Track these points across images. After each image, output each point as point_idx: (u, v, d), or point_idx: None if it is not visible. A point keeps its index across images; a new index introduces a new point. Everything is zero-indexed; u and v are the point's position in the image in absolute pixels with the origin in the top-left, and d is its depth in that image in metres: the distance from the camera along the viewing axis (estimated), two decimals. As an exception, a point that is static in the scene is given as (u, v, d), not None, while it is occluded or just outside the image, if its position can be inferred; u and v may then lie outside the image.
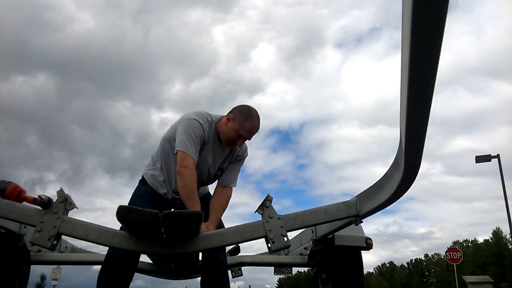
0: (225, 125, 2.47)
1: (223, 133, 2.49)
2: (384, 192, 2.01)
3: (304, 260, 3.46)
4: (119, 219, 1.95)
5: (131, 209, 1.92)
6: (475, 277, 17.68)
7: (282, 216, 2.23)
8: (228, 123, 2.46)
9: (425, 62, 1.05)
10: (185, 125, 2.40)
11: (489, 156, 18.21)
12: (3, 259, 3.05)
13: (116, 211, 1.92)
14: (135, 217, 1.90)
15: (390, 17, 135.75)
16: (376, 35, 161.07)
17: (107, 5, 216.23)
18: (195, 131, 2.38)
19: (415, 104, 1.22)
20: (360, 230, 3.05)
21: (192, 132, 2.37)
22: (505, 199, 17.32)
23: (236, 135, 2.45)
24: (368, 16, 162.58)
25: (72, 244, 3.95)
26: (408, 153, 1.51)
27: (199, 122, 2.41)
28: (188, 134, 2.36)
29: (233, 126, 2.44)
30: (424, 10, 0.89)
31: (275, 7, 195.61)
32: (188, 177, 2.30)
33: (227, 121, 2.47)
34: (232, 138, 2.46)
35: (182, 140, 2.35)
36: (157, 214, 1.89)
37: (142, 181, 2.71)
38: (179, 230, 2.04)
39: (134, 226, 2.05)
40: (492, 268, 45.25)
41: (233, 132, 2.44)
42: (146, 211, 1.89)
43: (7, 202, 2.11)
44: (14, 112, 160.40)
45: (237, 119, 2.45)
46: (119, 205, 1.92)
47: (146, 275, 3.50)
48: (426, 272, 67.86)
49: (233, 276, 3.59)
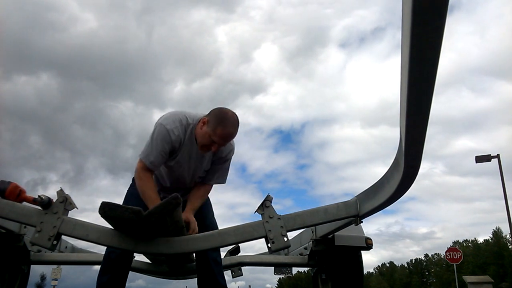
0: (200, 128, 2.38)
1: (198, 137, 2.40)
2: (384, 192, 2.01)
3: (304, 260, 3.46)
4: (102, 215, 1.94)
5: (114, 206, 1.91)
6: (475, 277, 17.69)
7: (282, 216, 2.23)
8: (203, 126, 2.36)
9: (425, 62, 1.05)
10: (152, 132, 2.38)
11: (489, 156, 18.20)
12: (3, 259, 3.05)
13: (98, 208, 1.92)
14: (117, 213, 1.90)
15: (395, 17, 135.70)
16: (379, 35, 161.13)
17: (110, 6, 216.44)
18: (159, 137, 2.34)
19: (415, 104, 1.22)
20: (360, 230, 3.05)
21: (156, 139, 2.34)
22: (505, 199, 17.35)
23: (209, 141, 2.33)
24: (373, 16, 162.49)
25: (72, 244, 3.95)
26: (408, 153, 1.51)
27: (166, 128, 2.34)
28: (150, 141, 2.36)
29: (207, 131, 2.32)
30: (424, 10, 0.89)
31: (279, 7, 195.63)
32: (142, 184, 2.36)
33: (202, 124, 2.37)
34: (205, 143, 2.36)
35: (145, 147, 2.39)
36: (139, 211, 1.89)
37: None
38: (166, 222, 2.03)
39: (117, 223, 2.05)
40: (492, 268, 45.27)
41: (206, 137, 2.33)
42: (129, 208, 1.89)
43: (7, 202, 2.11)
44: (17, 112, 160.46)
45: (211, 123, 2.32)
46: (102, 202, 1.92)
47: (147, 275, 3.51)
48: (426, 272, 67.87)
49: (233, 276, 3.59)
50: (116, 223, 2.08)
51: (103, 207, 1.91)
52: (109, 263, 2.41)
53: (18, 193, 2.14)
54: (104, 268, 2.41)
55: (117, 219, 1.97)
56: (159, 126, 2.37)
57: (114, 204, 1.92)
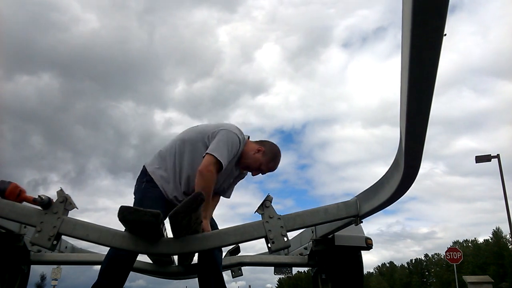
0: (253, 153, 2.59)
1: (248, 159, 2.60)
2: (384, 192, 2.01)
3: (304, 260, 3.46)
4: (120, 220, 1.94)
5: (133, 209, 1.91)
6: (475, 277, 17.69)
7: (282, 216, 2.23)
8: (257, 153, 2.59)
9: (425, 62, 1.05)
10: (226, 136, 2.48)
11: (489, 156, 18.20)
12: (3, 259, 3.05)
13: (117, 212, 1.91)
14: (137, 217, 1.89)
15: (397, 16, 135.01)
16: (381, 35, 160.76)
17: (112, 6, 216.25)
18: (234, 145, 2.48)
19: (415, 104, 1.22)
20: (360, 230, 3.05)
21: (231, 145, 2.46)
22: (505, 199, 17.34)
23: (257, 167, 2.60)
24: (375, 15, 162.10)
25: (72, 244, 3.95)
26: (408, 153, 1.51)
27: (239, 138, 2.52)
28: (226, 145, 2.44)
29: (260, 160, 2.58)
30: (424, 10, 0.89)
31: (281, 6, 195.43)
32: (209, 180, 2.36)
33: (257, 152, 2.59)
34: (253, 167, 2.61)
35: (219, 147, 2.42)
36: (159, 214, 1.89)
37: (150, 181, 2.58)
38: (190, 219, 2.02)
39: (135, 227, 2.04)
40: (492, 268, 45.25)
41: (257, 164, 2.59)
42: (148, 212, 1.88)
43: (7, 202, 2.11)
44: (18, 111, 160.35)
45: (267, 155, 2.59)
46: (121, 206, 1.90)
47: (147, 275, 3.50)
48: (426, 272, 67.87)
49: (233, 276, 3.59)
50: (133, 227, 2.07)
51: (122, 211, 1.89)
52: (112, 266, 2.36)
53: (18, 193, 2.14)
54: (106, 270, 2.35)
55: (135, 223, 1.96)
56: (233, 134, 2.50)
57: (133, 208, 1.92)
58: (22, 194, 2.15)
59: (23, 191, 2.16)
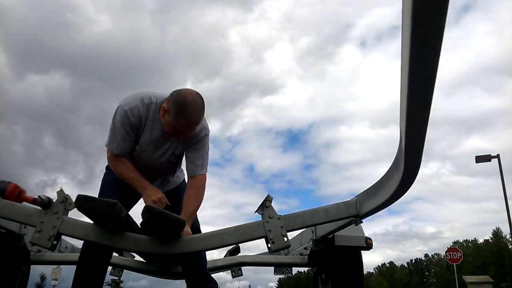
0: (162, 116, 2.22)
1: (163, 125, 2.24)
2: (384, 192, 2.01)
3: (304, 260, 3.46)
4: (78, 208, 1.92)
5: (89, 198, 1.89)
6: (475, 277, 17.72)
7: (282, 216, 2.23)
8: (164, 115, 2.19)
9: (425, 62, 1.05)
10: (113, 116, 2.26)
11: (489, 156, 18.21)
12: (3, 259, 3.05)
13: (74, 201, 1.91)
14: (93, 206, 1.87)
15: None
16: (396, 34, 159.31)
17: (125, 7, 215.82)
18: (122, 121, 2.23)
19: (415, 104, 1.22)
20: (360, 230, 3.05)
21: (116, 122, 2.25)
22: (505, 199, 17.37)
23: (174, 130, 2.19)
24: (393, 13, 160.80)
25: (72, 244, 3.95)
26: (408, 153, 1.51)
27: (124, 109, 2.22)
28: (112, 127, 2.27)
29: (169, 121, 2.16)
30: (424, 10, 0.89)
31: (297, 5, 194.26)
32: (119, 167, 2.33)
33: (164, 112, 2.19)
34: (172, 133, 2.23)
35: (108, 134, 2.31)
36: (115, 203, 1.84)
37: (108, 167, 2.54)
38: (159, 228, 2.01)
39: (93, 216, 2.02)
40: (492, 268, 45.29)
41: (170, 127, 2.18)
42: (104, 201, 1.85)
43: (7, 202, 2.11)
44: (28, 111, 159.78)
45: (172, 113, 2.13)
46: (77, 194, 1.89)
47: (147, 275, 3.50)
48: (426, 272, 67.89)
49: (233, 276, 3.59)
50: (93, 217, 2.04)
51: (78, 200, 1.88)
52: (87, 261, 2.30)
53: (18, 193, 2.14)
54: (81, 267, 2.30)
55: (93, 212, 1.94)
56: (118, 108, 2.24)
57: (89, 197, 1.89)
58: (22, 194, 2.15)
59: (23, 191, 2.16)
